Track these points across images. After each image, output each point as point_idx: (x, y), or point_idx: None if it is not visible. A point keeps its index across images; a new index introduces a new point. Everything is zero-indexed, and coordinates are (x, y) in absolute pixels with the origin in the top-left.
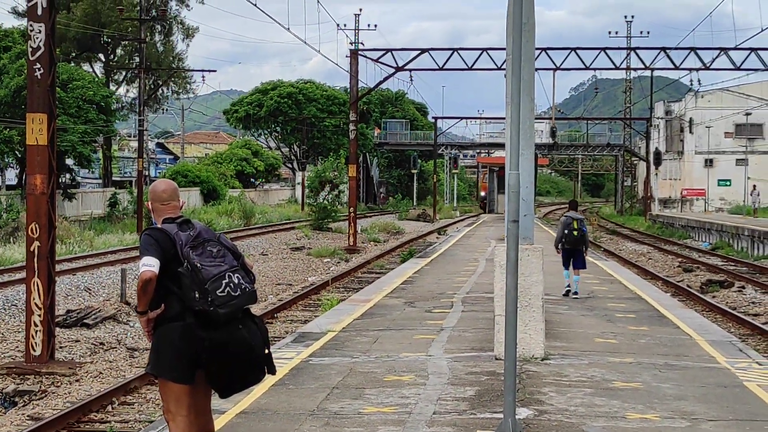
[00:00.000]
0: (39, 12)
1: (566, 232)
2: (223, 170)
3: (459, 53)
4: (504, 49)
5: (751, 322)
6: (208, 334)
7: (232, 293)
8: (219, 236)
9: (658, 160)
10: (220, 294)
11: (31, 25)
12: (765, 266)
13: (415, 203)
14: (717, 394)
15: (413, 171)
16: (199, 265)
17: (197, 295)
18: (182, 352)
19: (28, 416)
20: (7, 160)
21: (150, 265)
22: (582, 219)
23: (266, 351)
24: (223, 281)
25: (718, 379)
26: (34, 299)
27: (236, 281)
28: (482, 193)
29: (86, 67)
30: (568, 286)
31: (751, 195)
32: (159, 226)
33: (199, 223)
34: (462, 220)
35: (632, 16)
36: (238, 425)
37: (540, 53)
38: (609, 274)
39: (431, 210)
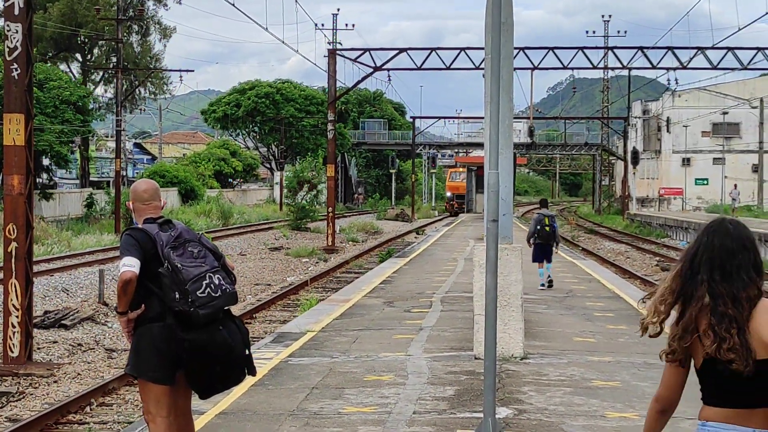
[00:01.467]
0: (16, 12)
1: (539, 227)
2: (201, 170)
3: (437, 53)
4: (482, 48)
5: None
6: (188, 335)
7: (213, 294)
8: (200, 237)
9: (635, 159)
10: (200, 295)
11: (8, 25)
12: None
13: (393, 203)
14: (696, 392)
15: (391, 171)
16: (179, 265)
17: (177, 296)
18: (162, 352)
19: (6, 418)
20: None
21: (130, 265)
22: (553, 216)
23: (246, 352)
24: (204, 282)
25: (696, 377)
26: (11, 300)
27: (217, 282)
28: (448, 194)
29: (63, 67)
30: (547, 279)
31: (731, 194)
32: (140, 226)
33: (180, 224)
34: (440, 219)
35: (609, 16)
36: (217, 426)
37: (518, 53)
38: (587, 273)
39: (410, 210)
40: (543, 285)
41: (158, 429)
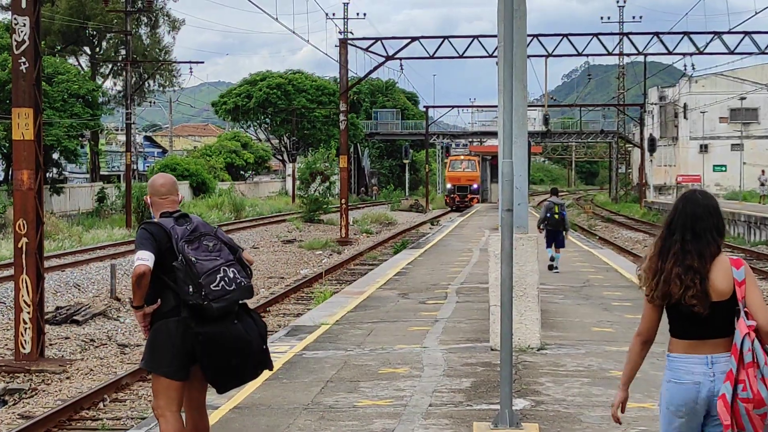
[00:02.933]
0: (23, 5)
1: (548, 215)
2: (213, 163)
3: (450, 41)
4: (495, 36)
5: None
6: (202, 329)
7: (227, 287)
8: (216, 230)
9: (652, 146)
10: (214, 288)
11: (15, 19)
12: (762, 252)
13: (407, 193)
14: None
15: (405, 161)
16: (193, 259)
17: (191, 289)
18: (177, 347)
19: (18, 415)
20: None
21: (144, 259)
22: (562, 204)
23: (264, 346)
24: (218, 275)
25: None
26: (22, 296)
27: (231, 275)
28: (448, 185)
29: (71, 60)
30: (552, 260)
31: (759, 179)
32: (156, 220)
33: (196, 218)
34: (455, 210)
35: (624, 1)
36: (231, 420)
37: (531, 40)
38: (604, 262)
39: (424, 200)
40: (551, 264)
41: (168, 424)
